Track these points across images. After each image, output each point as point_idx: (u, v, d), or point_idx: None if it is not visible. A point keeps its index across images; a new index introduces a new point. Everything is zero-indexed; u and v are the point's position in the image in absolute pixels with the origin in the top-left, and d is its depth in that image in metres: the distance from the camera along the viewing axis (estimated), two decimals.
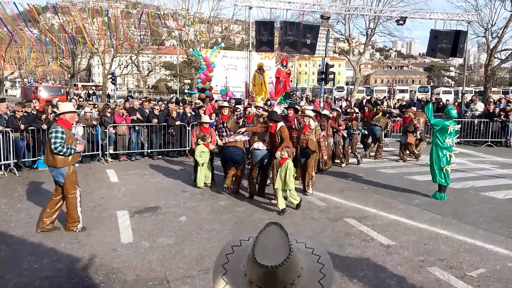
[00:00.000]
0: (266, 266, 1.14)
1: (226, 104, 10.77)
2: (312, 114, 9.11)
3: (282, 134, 8.19)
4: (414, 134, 12.77)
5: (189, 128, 13.01)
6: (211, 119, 10.88)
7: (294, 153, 8.52)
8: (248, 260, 1.21)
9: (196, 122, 9.95)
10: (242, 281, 1.24)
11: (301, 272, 1.22)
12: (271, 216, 7.41)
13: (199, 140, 9.38)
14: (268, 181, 8.86)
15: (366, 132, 13.67)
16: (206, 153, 9.29)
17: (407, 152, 13.20)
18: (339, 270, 5.15)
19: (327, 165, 11.03)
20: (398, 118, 16.39)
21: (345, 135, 11.88)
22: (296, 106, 10.91)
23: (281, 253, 1.18)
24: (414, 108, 16.31)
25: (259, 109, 11.21)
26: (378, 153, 13.57)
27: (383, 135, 13.74)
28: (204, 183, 9.39)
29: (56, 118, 6.46)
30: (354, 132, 12.28)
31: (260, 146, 8.47)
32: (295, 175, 7.98)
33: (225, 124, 9.79)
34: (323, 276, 1.27)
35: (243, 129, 8.88)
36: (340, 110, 12.31)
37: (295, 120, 9.89)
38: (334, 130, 11.52)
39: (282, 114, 10.37)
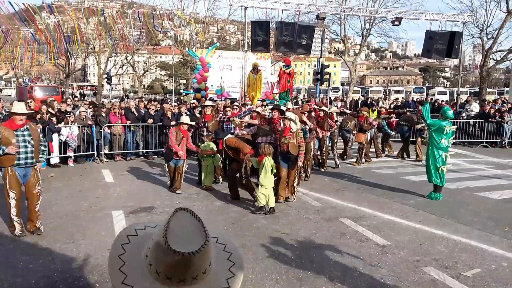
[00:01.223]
0: (182, 253, 1.06)
1: (209, 103, 10.49)
2: (293, 116, 8.23)
3: (232, 144, 8.26)
4: (365, 134, 12.41)
5: None
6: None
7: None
8: (156, 248, 1.11)
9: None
10: (145, 272, 1.15)
11: (211, 261, 1.16)
12: (266, 216, 7.40)
13: (205, 143, 9.35)
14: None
15: (393, 132, 13.86)
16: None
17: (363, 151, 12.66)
18: (334, 270, 5.16)
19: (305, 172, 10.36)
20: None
21: (324, 134, 11.37)
22: (282, 108, 10.67)
23: (197, 239, 1.11)
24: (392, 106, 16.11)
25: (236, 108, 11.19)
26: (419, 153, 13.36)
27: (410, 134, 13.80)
28: (207, 186, 9.32)
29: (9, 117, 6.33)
30: (333, 131, 12.03)
31: (263, 140, 8.72)
32: (274, 170, 7.76)
33: (206, 124, 9.70)
34: (233, 264, 1.22)
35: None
36: (327, 110, 11.85)
37: (281, 122, 8.89)
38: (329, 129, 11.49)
39: (268, 117, 9.87)
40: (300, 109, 11.76)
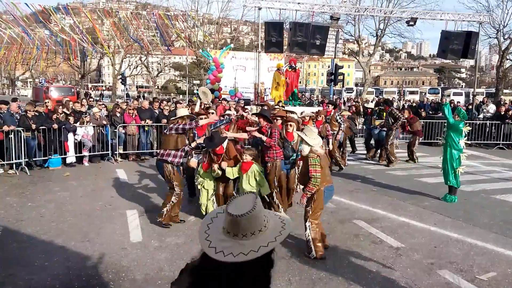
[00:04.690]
0: (231, 214, 1.54)
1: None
2: (314, 137, 5.63)
3: (230, 149, 7.18)
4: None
5: None
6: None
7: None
8: (224, 212, 1.61)
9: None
10: (219, 230, 1.63)
11: (263, 229, 1.58)
12: None
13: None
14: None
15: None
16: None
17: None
18: (347, 272, 5.14)
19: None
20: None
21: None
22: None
23: (246, 209, 1.55)
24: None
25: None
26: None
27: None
28: None
29: None
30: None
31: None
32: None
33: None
34: (283, 230, 1.62)
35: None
36: (314, 115, 10.54)
37: (269, 131, 7.46)
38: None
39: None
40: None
